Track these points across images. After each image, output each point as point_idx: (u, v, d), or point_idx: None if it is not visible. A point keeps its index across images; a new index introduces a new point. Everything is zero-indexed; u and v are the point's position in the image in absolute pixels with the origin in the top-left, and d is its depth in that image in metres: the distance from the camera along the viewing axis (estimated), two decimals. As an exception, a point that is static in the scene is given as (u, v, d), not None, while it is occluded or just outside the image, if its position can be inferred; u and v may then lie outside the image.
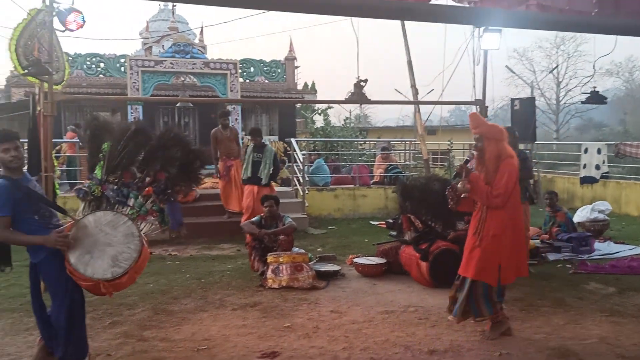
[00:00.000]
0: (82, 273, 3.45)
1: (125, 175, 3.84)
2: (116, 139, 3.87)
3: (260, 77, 16.86)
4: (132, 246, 3.58)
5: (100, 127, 3.99)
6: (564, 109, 43.50)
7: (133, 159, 3.90)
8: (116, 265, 3.52)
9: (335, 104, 20.31)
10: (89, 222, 3.57)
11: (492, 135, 4.31)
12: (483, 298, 4.32)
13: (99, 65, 15.47)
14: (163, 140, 4.05)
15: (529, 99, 10.83)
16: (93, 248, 3.51)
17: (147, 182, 3.89)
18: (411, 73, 9.15)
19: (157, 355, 3.99)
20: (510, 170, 4.25)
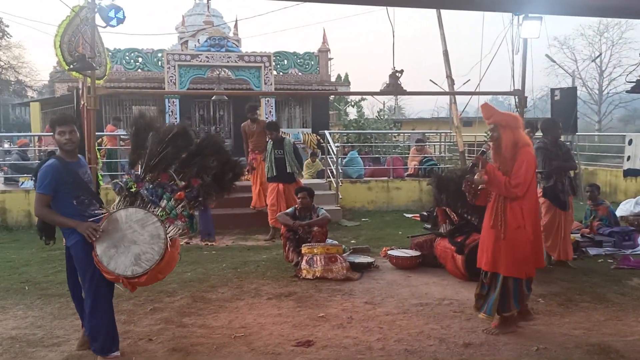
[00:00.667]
0: (105, 266, 3.56)
1: (163, 176, 3.86)
2: (159, 139, 3.89)
3: (293, 69, 16.94)
4: (156, 248, 3.60)
5: (146, 125, 4.03)
6: (607, 99, 42.10)
7: (172, 161, 3.90)
8: (137, 264, 3.57)
9: (370, 95, 20.21)
10: (121, 216, 3.63)
11: (507, 123, 4.24)
12: (513, 292, 4.25)
13: (138, 60, 15.82)
14: (202, 148, 4.04)
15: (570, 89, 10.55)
16: (120, 243, 3.58)
17: (181, 186, 3.88)
18: (447, 63, 9.02)
19: (196, 341, 4.10)
20: (528, 158, 4.16)
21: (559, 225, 6.34)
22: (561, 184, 6.31)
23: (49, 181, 3.55)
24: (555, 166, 6.28)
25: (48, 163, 3.63)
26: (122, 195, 3.80)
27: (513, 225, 4.17)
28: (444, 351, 3.92)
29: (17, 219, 9.52)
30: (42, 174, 3.58)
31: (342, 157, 11.59)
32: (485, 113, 4.36)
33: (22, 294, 5.38)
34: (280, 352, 3.91)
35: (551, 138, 6.44)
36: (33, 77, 40.81)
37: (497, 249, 4.22)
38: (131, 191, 3.77)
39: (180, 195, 3.82)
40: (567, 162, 6.36)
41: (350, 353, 3.90)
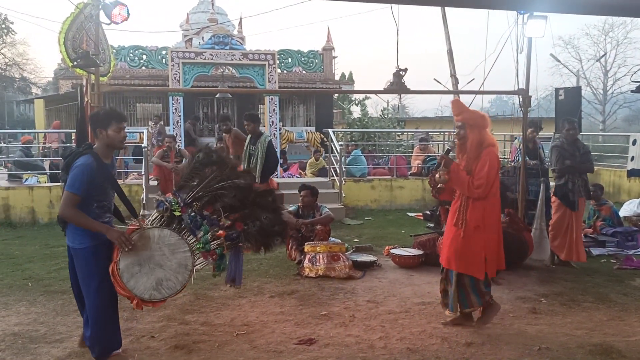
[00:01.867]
0: (125, 282, 3.39)
1: (208, 207, 3.80)
2: (221, 177, 3.85)
3: (297, 67, 16.92)
4: (180, 278, 3.51)
5: (214, 162, 3.96)
6: (612, 99, 41.92)
7: (223, 200, 3.85)
8: (157, 290, 3.46)
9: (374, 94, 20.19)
10: (154, 235, 3.49)
11: (475, 122, 4.26)
12: (471, 289, 4.29)
13: (142, 58, 15.84)
14: (260, 199, 4.06)
15: (575, 89, 10.47)
16: (145, 262, 3.44)
17: (224, 225, 3.81)
18: (451, 62, 9.03)
19: (198, 338, 4.11)
20: (491, 159, 4.18)
21: (569, 225, 6.32)
22: (572, 183, 6.29)
23: (82, 182, 3.34)
24: (567, 165, 6.26)
25: (85, 162, 3.38)
26: (161, 214, 3.68)
27: (472, 225, 4.20)
28: (446, 350, 3.92)
29: (20, 215, 9.55)
30: (77, 173, 3.34)
31: (345, 156, 11.59)
32: (454, 109, 4.39)
33: (25, 290, 5.40)
34: (282, 350, 3.92)
35: (568, 137, 6.41)
36: (37, 74, 40.98)
37: (454, 246, 4.26)
38: (173, 213, 3.65)
39: (221, 234, 3.76)
40: (584, 164, 6.34)
41: (352, 351, 3.90)
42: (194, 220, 3.68)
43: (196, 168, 3.95)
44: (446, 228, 4.50)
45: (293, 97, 18.46)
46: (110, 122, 3.51)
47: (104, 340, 3.55)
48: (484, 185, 4.14)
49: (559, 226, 6.34)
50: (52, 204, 9.51)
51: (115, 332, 3.62)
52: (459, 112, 4.33)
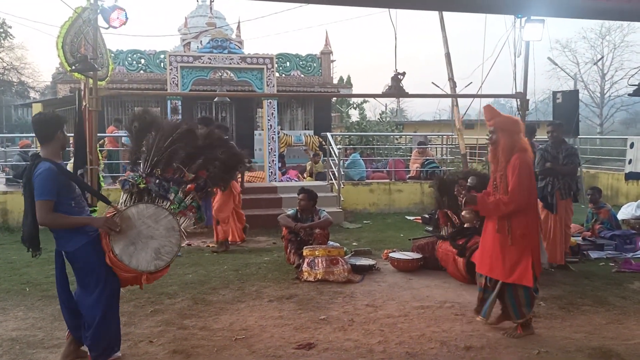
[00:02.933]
0: (127, 264, 3.51)
1: (169, 170, 3.89)
2: (164, 135, 3.91)
3: (296, 71, 16.93)
4: (173, 240, 3.67)
5: (150, 122, 4.06)
6: (609, 102, 42.03)
7: (177, 155, 3.94)
8: (159, 259, 3.62)
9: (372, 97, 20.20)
10: (132, 214, 3.61)
11: (506, 127, 4.26)
12: (525, 300, 4.24)
13: (140, 62, 15.83)
14: (209, 141, 4.17)
15: (572, 92, 10.55)
16: (137, 240, 3.56)
17: (189, 179, 3.94)
18: (449, 66, 9.02)
19: (197, 343, 4.10)
20: (520, 164, 4.14)
21: (549, 227, 6.36)
22: (551, 185, 6.33)
23: (52, 186, 3.40)
24: (547, 168, 6.31)
25: (44, 167, 3.43)
26: (129, 193, 3.78)
27: (518, 232, 4.17)
28: (445, 354, 3.91)
29: (18, 220, 9.51)
30: (43, 180, 3.39)
31: (344, 160, 11.59)
32: (487, 115, 4.39)
33: (23, 295, 5.38)
34: (281, 354, 3.91)
35: (551, 139, 6.48)
36: (35, 79, 40.90)
37: (505, 256, 4.19)
38: (139, 187, 3.76)
39: (190, 188, 3.92)
40: (566, 166, 6.37)
41: (351, 356, 3.89)
42: (161, 186, 3.82)
43: (139, 137, 4.00)
44: (485, 235, 4.44)
45: (291, 100, 18.46)
46: (62, 124, 3.64)
47: (106, 340, 3.59)
48: (516, 200, 4.11)
49: (543, 229, 6.39)
50: (50, 209, 9.49)
51: (116, 332, 3.69)
52: (491, 117, 4.34)
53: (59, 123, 3.62)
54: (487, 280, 4.38)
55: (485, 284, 4.39)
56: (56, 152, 3.60)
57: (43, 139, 3.58)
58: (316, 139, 16.78)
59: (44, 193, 3.38)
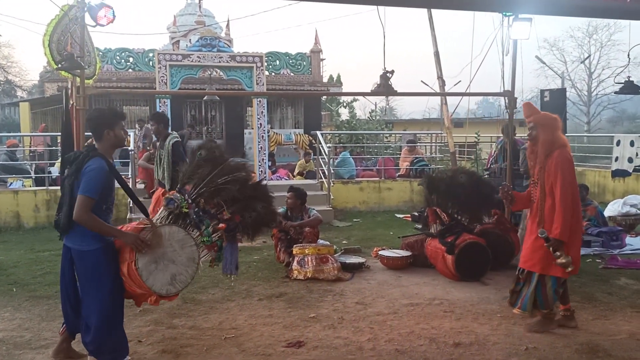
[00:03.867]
0: (144, 280, 3.41)
1: (210, 203, 4.00)
2: (223, 172, 4.05)
3: (285, 69, 16.92)
4: (190, 271, 3.63)
5: (215, 156, 4.17)
6: (596, 101, 42.43)
7: (224, 193, 4.05)
8: (172, 284, 3.56)
9: (361, 95, 20.24)
10: (165, 233, 3.56)
11: (546, 122, 4.33)
12: (552, 290, 4.29)
13: (128, 60, 15.74)
14: (256, 192, 4.38)
15: (560, 90, 10.60)
16: (160, 259, 3.50)
17: (225, 218, 4.04)
18: (438, 64, 9.06)
19: (186, 342, 4.09)
20: (562, 161, 4.19)
21: None
22: None
23: (99, 186, 3.32)
24: None
25: (99, 165, 3.35)
26: (170, 211, 3.78)
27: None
28: (434, 351, 3.93)
29: (5, 219, 9.43)
30: (95, 176, 3.30)
31: (334, 158, 11.60)
32: (526, 111, 4.46)
33: (10, 296, 5.33)
34: (270, 353, 3.91)
35: None
36: (22, 77, 40.48)
37: (538, 248, 4.24)
38: (181, 210, 3.78)
39: (222, 227, 3.99)
40: None
41: (340, 353, 3.90)
42: (198, 216, 3.87)
43: (199, 165, 4.09)
44: (529, 228, 4.48)
45: (281, 99, 18.44)
46: (117, 121, 3.53)
47: (109, 345, 3.46)
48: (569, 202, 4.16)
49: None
50: (38, 208, 9.41)
51: (121, 338, 3.57)
52: (530, 114, 4.41)
53: (107, 122, 3.50)
54: (519, 272, 4.43)
55: (517, 275, 4.44)
56: (107, 151, 3.52)
57: (94, 136, 3.55)
58: (306, 138, 16.79)
59: (90, 190, 3.28)
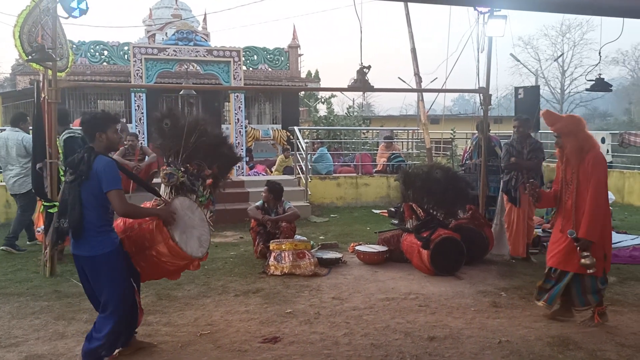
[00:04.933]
0: (184, 250, 3.67)
1: (192, 166, 4.15)
2: (189, 132, 4.13)
3: (263, 64, 16.81)
4: (206, 230, 3.96)
5: (177, 120, 4.23)
6: (569, 98, 43.28)
7: (199, 151, 4.20)
8: (202, 246, 3.88)
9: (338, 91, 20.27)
10: (177, 205, 3.81)
11: (569, 129, 4.32)
12: (591, 289, 4.33)
13: (103, 53, 15.46)
14: (218, 139, 4.48)
15: (533, 88, 10.79)
16: (185, 228, 3.77)
17: (208, 174, 4.23)
18: (415, 61, 9.13)
19: (161, 339, 4.04)
20: (598, 163, 4.24)
21: (512, 220, 6.53)
22: (515, 180, 6.48)
23: (118, 176, 3.45)
24: (511, 163, 6.45)
25: (107, 160, 3.43)
26: (172, 185, 4.00)
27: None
28: (409, 345, 3.97)
29: (-25, 216, 9.20)
30: (111, 170, 3.39)
31: (311, 154, 11.59)
32: (548, 120, 4.45)
33: (-20, 293, 5.21)
34: (246, 349, 3.89)
35: (517, 134, 6.61)
36: (-7, 70, 39.50)
37: (574, 249, 4.25)
38: (179, 181, 4.01)
39: (209, 182, 4.23)
40: (530, 161, 6.52)
41: (317, 348, 3.91)
42: (190, 181, 4.08)
43: (170, 135, 4.18)
44: (555, 230, 4.54)
45: (259, 94, 18.33)
46: (108, 124, 3.54)
47: (118, 339, 3.61)
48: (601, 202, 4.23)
49: (507, 221, 6.56)
50: (9, 204, 9.20)
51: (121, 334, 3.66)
52: (552, 123, 4.39)
53: (99, 125, 3.52)
54: (551, 271, 4.48)
55: (549, 274, 4.49)
56: (102, 151, 3.52)
57: (88, 138, 3.59)
58: (284, 133, 16.73)
59: (116, 183, 3.39)
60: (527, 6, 5.67)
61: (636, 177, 11.50)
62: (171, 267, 3.85)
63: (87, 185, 3.35)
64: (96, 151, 3.45)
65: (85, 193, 3.36)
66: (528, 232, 6.60)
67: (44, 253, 5.85)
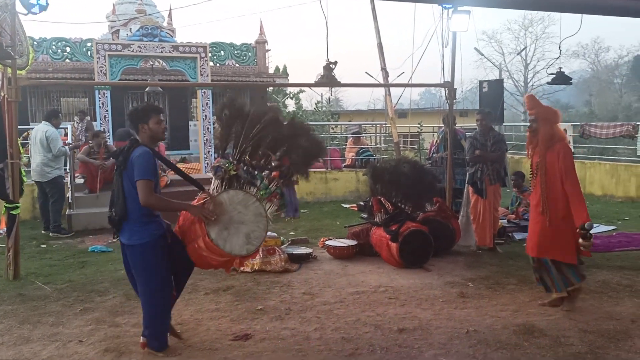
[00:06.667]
0: (222, 248, 3.62)
1: (255, 157, 4.11)
2: (252, 123, 4.08)
3: (230, 60, 16.66)
4: (261, 225, 3.80)
5: (239, 109, 4.20)
6: (532, 91, 44.15)
7: (264, 142, 4.14)
8: (249, 243, 3.75)
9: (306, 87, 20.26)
10: (224, 199, 3.73)
11: (547, 117, 4.48)
12: (570, 271, 4.49)
13: (65, 50, 15.08)
14: (293, 129, 4.41)
15: (497, 81, 10.98)
16: (229, 225, 3.67)
17: (274, 166, 4.18)
18: (381, 56, 9.20)
19: (130, 340, 3.99)
20: (565, 153, 4.42)
21: (479, 211, 6.67)
22: (480, 172, 6.62)
23: (151, 167, 3.50)
24: (476, 155, 6.59)
25: (143, 150, 3.52)
26: (221, 179, 3.95)
27: (559, 215, 4.42)
28: (379, 337, 4.02)
29: None
30: (145, 161, 3.47)
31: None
32: (529, 103, 4.60)
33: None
34: (217, 347, 3.88)
35: (480, 127, 6.75)
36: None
37: (547, 236, 4.42)
38: (230, 174, 3.95)
39: (275, 175, 4.15)
40: (493, 153, 6.66)
41: (288, 344, 3.92)
42: (249, 173, 4.03)
43: (228, 124, 4.17)
44: (533, 218, 4.63)
45: (226, 90, 18.14)
46: (150, 115, 3.63)
47: (164, 332, 3.74)
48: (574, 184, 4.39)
49: (473, 212, 6.70)
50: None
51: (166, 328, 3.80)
52: (533, 106, 4.53)
53: (141, 116, 3.63)
54: (533, 261, 4.62)
55: (535, 265, 4.63)
56: (146, 142, 3.63)
57: (133, 130, 3.71)
58: (252, 129, 16.62)
59: (146, 173, 3.45)
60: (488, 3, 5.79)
61: (597, 167, 11.85)
62: (213, 262, 3.82)
63: (127, 175, 3.49)
64: (139, 143, 3.59)
65: (126, 183, 3.51)
66: (494, 223, 6.75)
67: (7, 256, 5.70)
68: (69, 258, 6.69)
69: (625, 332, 4.00)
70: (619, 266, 5.91)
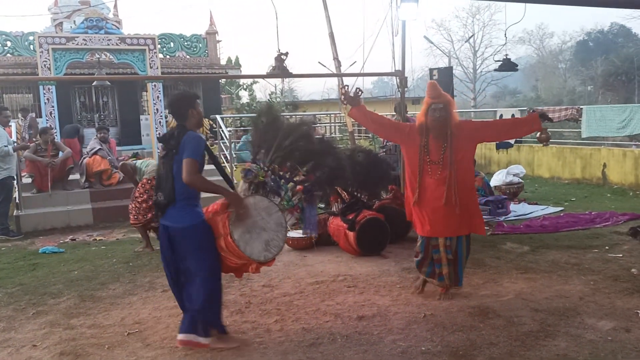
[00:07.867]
0: (242, 250, 3.57)
1: (284, 168, 4.10)
2: (286, 133, 4.09)
3: (181, 52, 16.34)
4: (280, 235, 3.78)
5: (274, 119, 4.21)
6: (481, 77, 45.30)
7: (294, 155, 4.14)
8: (267, 250, 3.71)
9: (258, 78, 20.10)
10: (250, 203, 3.70)
11: (452, 104, 4.57)
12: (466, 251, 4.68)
13: (6, 44, 14.44)
14: (323, 147, 4.45)
15: (447, 69, 11.20)
16: (252, 229, 3.65)
17: (300, 180, 4.17)
18: (333, 45, 9.21)
19: (86, 342, 3.90)
20: (469, 122, 4.74)
21: None
22: None
23: (202, 150, 3.55)
24: None
25: (197, 134, 3.59)
26: (249, 183, 3.92)
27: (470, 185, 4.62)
28: (339, 326, 4.07)
29: None
30: (197, 143, 3.51)
31: (235, 142, 11.46)
32: (433, 92, 4.54)
33: None
34: (177, 345, 3.84)
35: None
36: None
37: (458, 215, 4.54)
38: (259, 180, 3.93)
39: (300, 189, 4.15)
40: None
41: (248, 337, 3.92)
42: (276, 182, 4.01)
43: (265, 131, 4.16)
44: (429, 203, 4.49)
45: (178, 83, 17.80)
46: (196, 100, 3.70)
47: (218, 312, 3.71)
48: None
49: None
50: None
51: (218, 314, 3.76)
52: (438, 95, 4.50)
53: (189, 101, 3.67)
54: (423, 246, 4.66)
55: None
56: (194, 128, 3.67)
57: (178, 117, 3.66)
58: (206, 122, 16.39)
59: (194, 153, 3.47)
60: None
61: (544, 150, 12.28)
62: (231, 264, 3.81)
63: (178, 159, 3.50)
64: (187, 128, 3.60)
65: (176, 166, 3.51)
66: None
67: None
68: (19, 260, 6.46)
69: (574, 309, 4.18)
70: (566, 245, 6.15)
